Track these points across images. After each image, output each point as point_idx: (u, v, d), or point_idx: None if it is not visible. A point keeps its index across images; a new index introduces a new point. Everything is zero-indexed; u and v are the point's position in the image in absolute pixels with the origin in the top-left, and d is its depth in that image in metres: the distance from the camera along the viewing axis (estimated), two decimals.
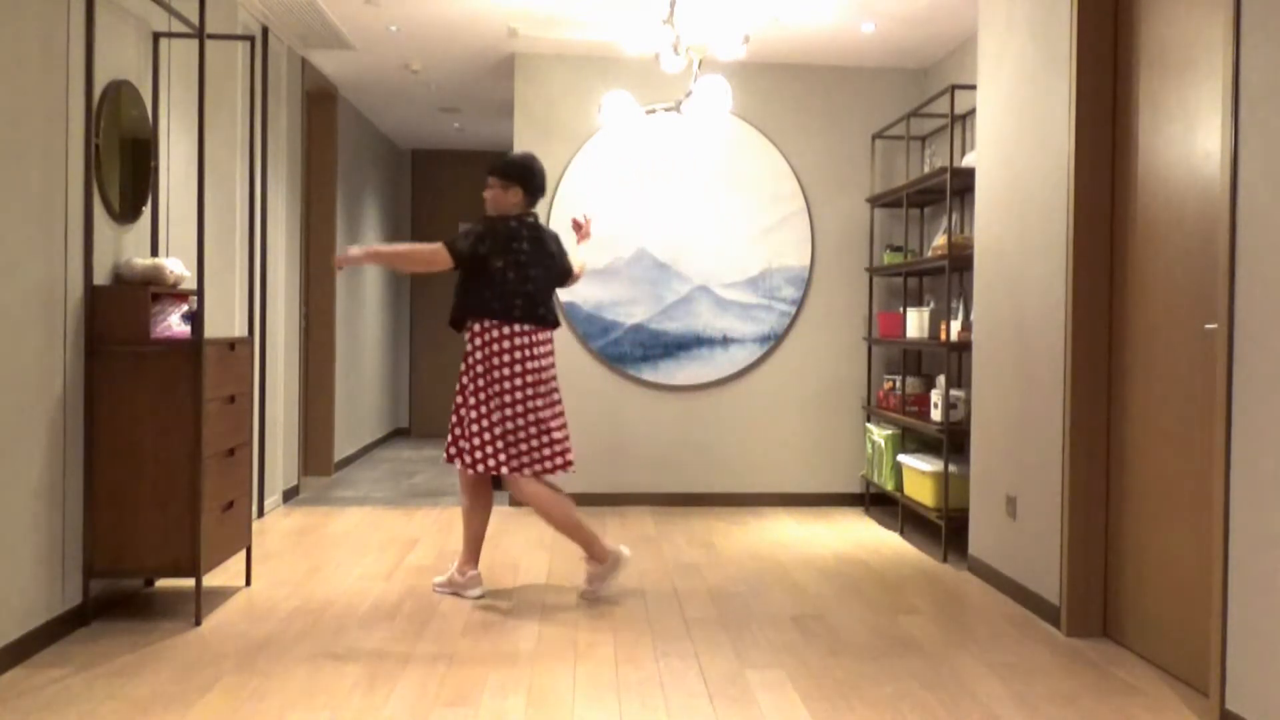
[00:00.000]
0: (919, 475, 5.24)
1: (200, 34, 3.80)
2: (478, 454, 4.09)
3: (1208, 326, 3.07)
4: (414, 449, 8.72)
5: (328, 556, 4.79)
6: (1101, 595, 3.73)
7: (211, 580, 4.16)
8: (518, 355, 4.07)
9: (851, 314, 6.36)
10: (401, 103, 7.61)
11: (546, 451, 4.15)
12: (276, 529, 5.36)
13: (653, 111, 5.64)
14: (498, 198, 4.20)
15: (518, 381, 4.06)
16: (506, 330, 4.07)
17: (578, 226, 4.65)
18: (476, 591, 4.12)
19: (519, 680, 3.19)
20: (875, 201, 6.16)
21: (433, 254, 4.11)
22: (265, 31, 5.52)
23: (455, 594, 4.13)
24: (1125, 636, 3.60)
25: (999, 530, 4.36)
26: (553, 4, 5.31)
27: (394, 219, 9.38)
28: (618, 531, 5.46)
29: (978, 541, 4.60)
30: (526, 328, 4.09)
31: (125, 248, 3.94)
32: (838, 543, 5.29)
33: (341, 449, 7.35)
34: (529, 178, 4.23)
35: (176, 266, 3.88)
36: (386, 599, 4.07)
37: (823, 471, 6.35)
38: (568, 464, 4.20)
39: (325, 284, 6.95)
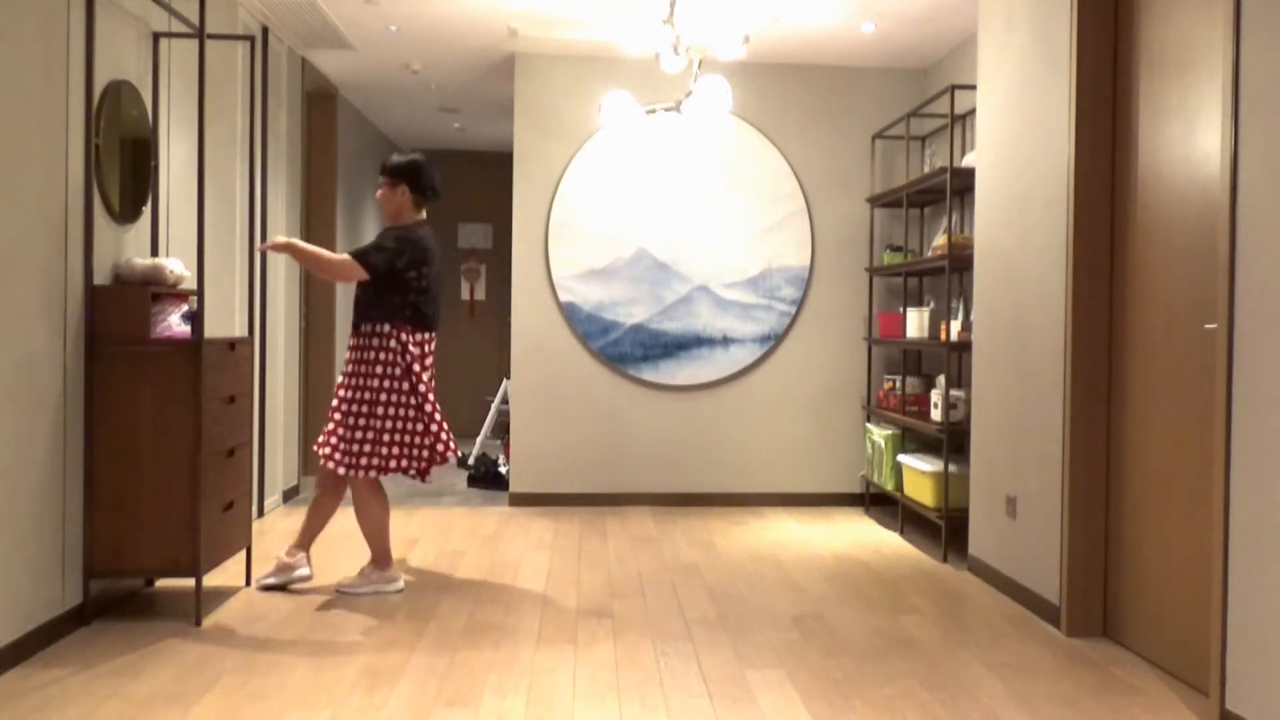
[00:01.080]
0: (919, 475, 5.24)
1: (200, 34, 3.80)
2: (363, 459, 4.09)
3: (1208, 326, 3.07)
4: None
5: (328, 556, 4.78)
6: (1101, 595, 3.74)
7: (211, 580, 4.16)
8: (424, 359, 4.18)
9: (851, 314, 6.36)
10: (401, 103, 7.61)
11: (426, 451, 4.18)
12: (276, 529, 5.36)
13: (653, 111, 5.64)
14: (386, 196, 4.28)
15: (420, 384, 4.14)
16: (418, 336, 4.15)
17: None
18: (306, 571, 4.21)
19: (519, 680, 3.19)
20: (875, 201, 6.16)
21: (342, 266, 4.15)
22: (265, 31, 5.52)
23: (284, 583, 4.18)
24: (1125, 636, 3.60)
25: (999, 530, 4.36)
26: (553, 4, 5.31)
27: None
28: (618, 531, 5.46)
29: (978, 541, 4.60)
30: (431, 335, 4.23)
31: (125, 248, 3.94)
32: (838, 543, 5.29)
33: None
34: (416, 176, 4.27)
35: (176, 266, 3.88)
36: (386, 599, 4.07)
37: (823, 471, 6.35)
38: (452, 451, 4.23)
39: (325, 284, 6.95)
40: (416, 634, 3.63)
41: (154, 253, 4.10)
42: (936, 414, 5.14)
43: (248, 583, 4.23)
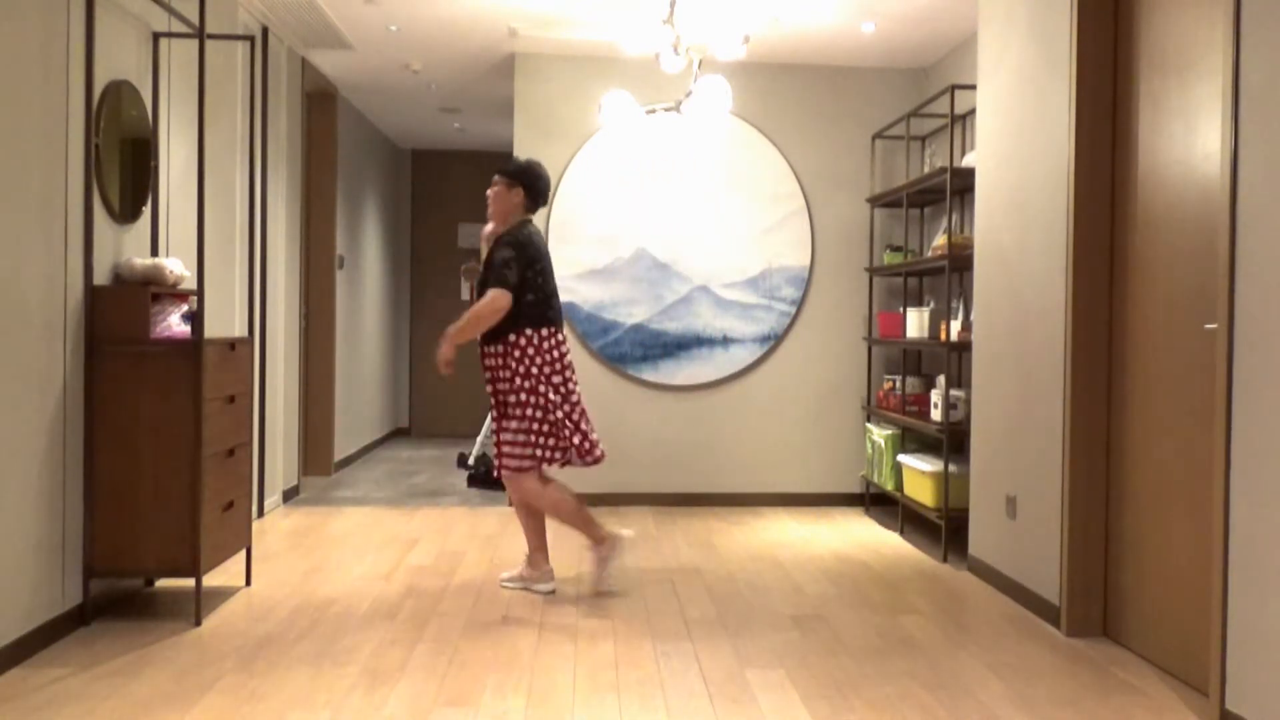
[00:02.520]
0: (919, 475, 5.24)
1: (200, 34, 3.80)
2: (542, 451, 4.16)
3: (1208, 326, 3.07)
4: (414, 449, 8.73)
5: (328, 556, 4.79)
6: (1101, 595, 3.74)
7: (211, 580, 4.16)
8: (561, 358, 4.20)
9: (851, 314, 6.36)
10: (401, 103, 7.61)
11: (585, 443, 4.23)
12: (276, 529, 5.36)
13: (653, 111, 5.64)
14: (501, 195, 4.26)
15: (558, 379, 4.17)
16: (544, 332, 4.16)
17: None
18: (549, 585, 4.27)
19: (519, 680, 3.19)
20: (875, 201, 6.16)
21: (494, 308, 4.10)
22: (265, 31, 5.52)
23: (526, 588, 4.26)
24: (1125, 636, 3.60)
25: (999, 530, 4.36)
26: (553, 4, 5.31)
27: (394, 219, 9.38)
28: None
29: (978, 541, 4.60)
30: (554, 330, 4.21)
31: (125, 248, 3.94)
32: (838, 543, 5.29)
33: (341, 449, 7.35)
34: (533, 181, 4.28)
35: (176, 266, 3.88)
36: (386, 599, 4.07)
37: (823, 471, 6.35)
38: (599, 452, 4.28)
39: (325, 284, 6.95)
40: (416, 634, 3.63)
41: (154, 253, 4.10)
42: (936, 414, 5.14)
43: (248, 583, 4.23)
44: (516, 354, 4.12)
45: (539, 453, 4.14)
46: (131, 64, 3.97)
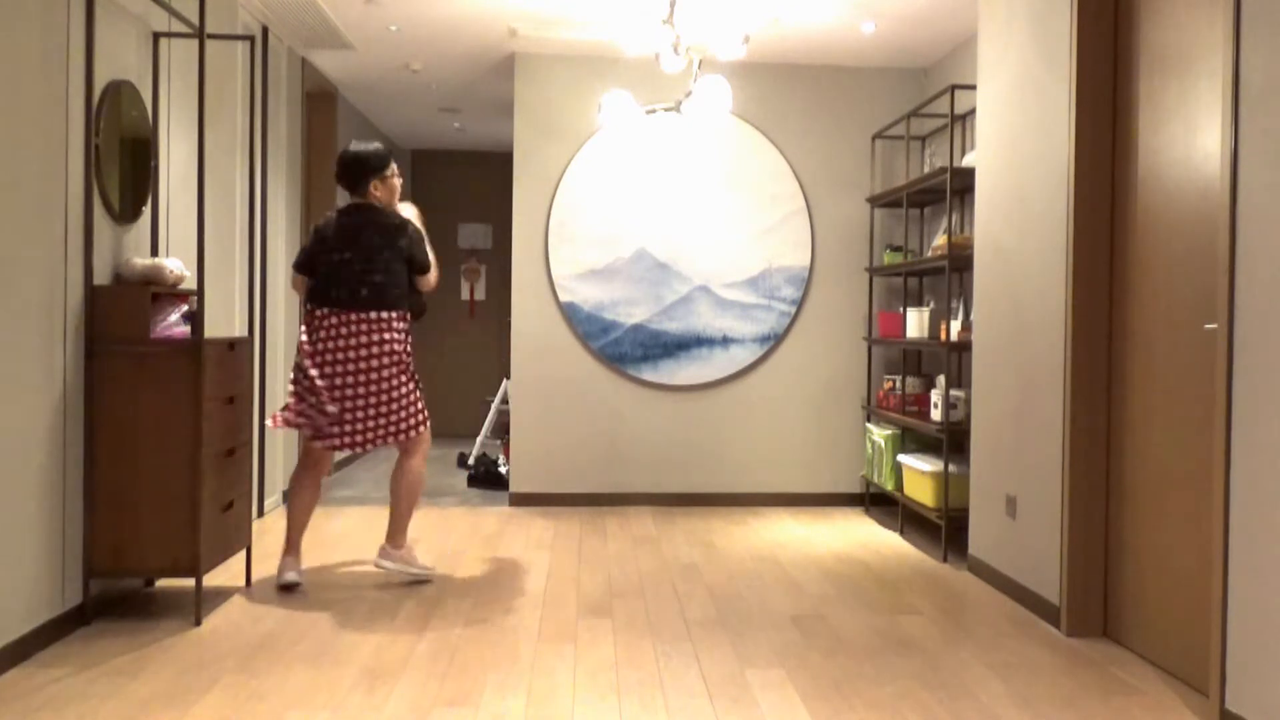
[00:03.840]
0: (919, 475, 5.24)
1: (200, 34, 3.80)
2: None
3: (1208, 326, 3.07)
4: None
5: (327, 556, 4.78)
6: (1101, 595, 3.74)
7: (211, 580, 4.16)
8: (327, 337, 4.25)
9: (851, 314, 6.36)
10: (401, 103, 7.61)
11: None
12: (276, 529, 5.35)
13: (653, 111, 5.64)
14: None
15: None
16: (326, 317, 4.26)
17: None
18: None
19: (519, 680, 3.19)
20: (875, 201, 6.16)
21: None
22: (265, 31, 5.52)
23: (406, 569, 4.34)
24: (1125, 636, 3.60)
25: (999, 530, 4.36)
26: (553, 4, 5.30)
27: None
28: (618, 531, 5.46)
29: (978, 541, 4.60)
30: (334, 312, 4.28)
31: (125, 248, 3.94)
32: (838, 543, 5.29)
33: None
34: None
35: (176, 266, 3.88)
36: (386, 599, 4.07)
37: (823, 471, 6.35)
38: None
39: None
40: (416, 634, 3.63)
41: (154, 253, 4.10)
42: (936, 414, 5.14)
43: (248, 583, 4.23)
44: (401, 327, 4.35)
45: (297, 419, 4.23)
46: (131, 64, 3.97)
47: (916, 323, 5.43)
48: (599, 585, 4.35)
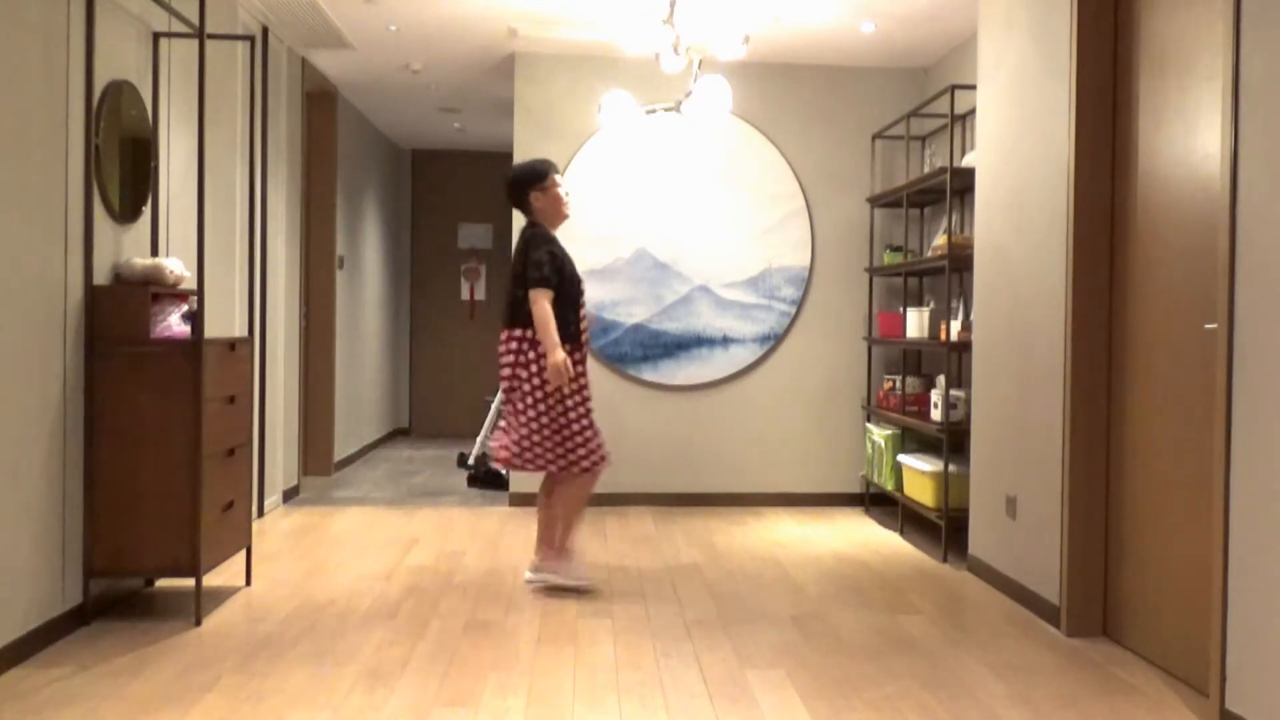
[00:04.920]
0: (919, 475, 5.24)
1: (200, 34, 3.80)
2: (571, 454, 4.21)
3: (1208, 326, 3.07)
4: (414, 449, 8.72)
5: (328, 556, 4.79)
6: (1101, 595, 3.73)
7: (211, 580, 4.16)
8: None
9: (851, 314, 6.36)
10: (401, 103, 7.61)
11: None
12: (276, 529, 5.36)
13: (653, 111, 5.64)
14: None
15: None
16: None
17: None
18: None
19: (519, 680, 3.19)
20: (875, 201, 6.16)
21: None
22: (265, 31, 5.52)
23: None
24: (1125, 636, 3.60)
25: (999, 530, 4.36)
26: (553, 4, 5.30)
27: (394, 219, 9.38)
28: (618, 531, 5.46)
29: (978, 541, 4.60)
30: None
31: (125, 248, 3.94)
32: (838, 543, 5.29)
33: (341, 449, 7.35)
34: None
35: (176, 266, 3.88)
36: (386, 599, 4.07)
37: (823, 471, 6.35)
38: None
39: (325, 284, 6.95)
40: (416, 634, 3.63)
41: (154, 253, 4.10)
42: (936, 414, 5.14)
43: (248, 583, 4.23)
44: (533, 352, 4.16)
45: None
46: (131, 64, 3.97)
47: (916, 323, 5.43)
48: (599, 585, 4.35)
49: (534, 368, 4.11)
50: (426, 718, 2.88)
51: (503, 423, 4.25)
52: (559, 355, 4.02)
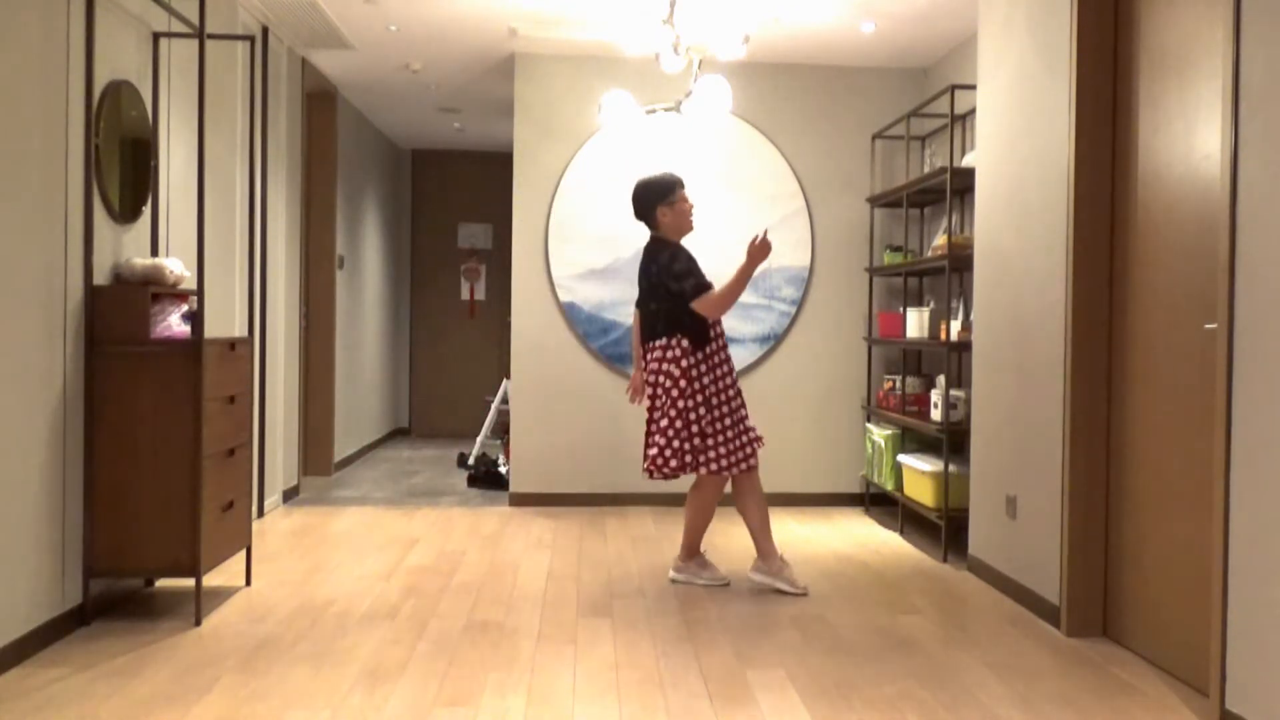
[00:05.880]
0: (919, 475, 5.24)
1: (200, 34, 3.80)
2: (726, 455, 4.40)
3: (1208, 326, 3.07)
4: (414, 449, 8.72)
5: (328, 556, 4.79)
6: (1101, 595, 3.73)
7: (211, 580, 4.16)
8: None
9: (851, 314, 6.36)
10: (401, 103, 7.61)
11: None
12: (276, 529, 5.36)
13: (653, 111, 5.64)
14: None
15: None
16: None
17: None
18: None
19: (519, 680, 3.19)
20: (875, 201, 6.16)
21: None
22: (265, 31, 5.52)
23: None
24: (1125, 636, 3.60)
25: (999, 530, 4.36)
26: (553, 4, 5.30)
27: (394, 219, 9.38)
28: (618, 531, 5.46)
29: (978, 541, 4.60)
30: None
31: (125, 248, 3.94)
32: (838, 543, 5.29)
33: (341, 449, 7.35)
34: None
35: (176, 266, 3.88)
36: (386, 599, 4.07)
37: (823, 471, 6.35)
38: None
39: (325, 284, 6.95)
40: (416, 634, 3.63)
41: (154, 253, 4.10)
42: (936, 414, 5.14)
43: (248, 583, 4.23)
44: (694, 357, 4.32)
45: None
46: (131, 64, 3.97)
47: (916, 323, 5.43)
48: (599, 585, 4.35)
49: (676, 372, 4.24)
50: (426, 718, 2.88)
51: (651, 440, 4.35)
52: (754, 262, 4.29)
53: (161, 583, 4.18)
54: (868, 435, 6.08)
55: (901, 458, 5.48)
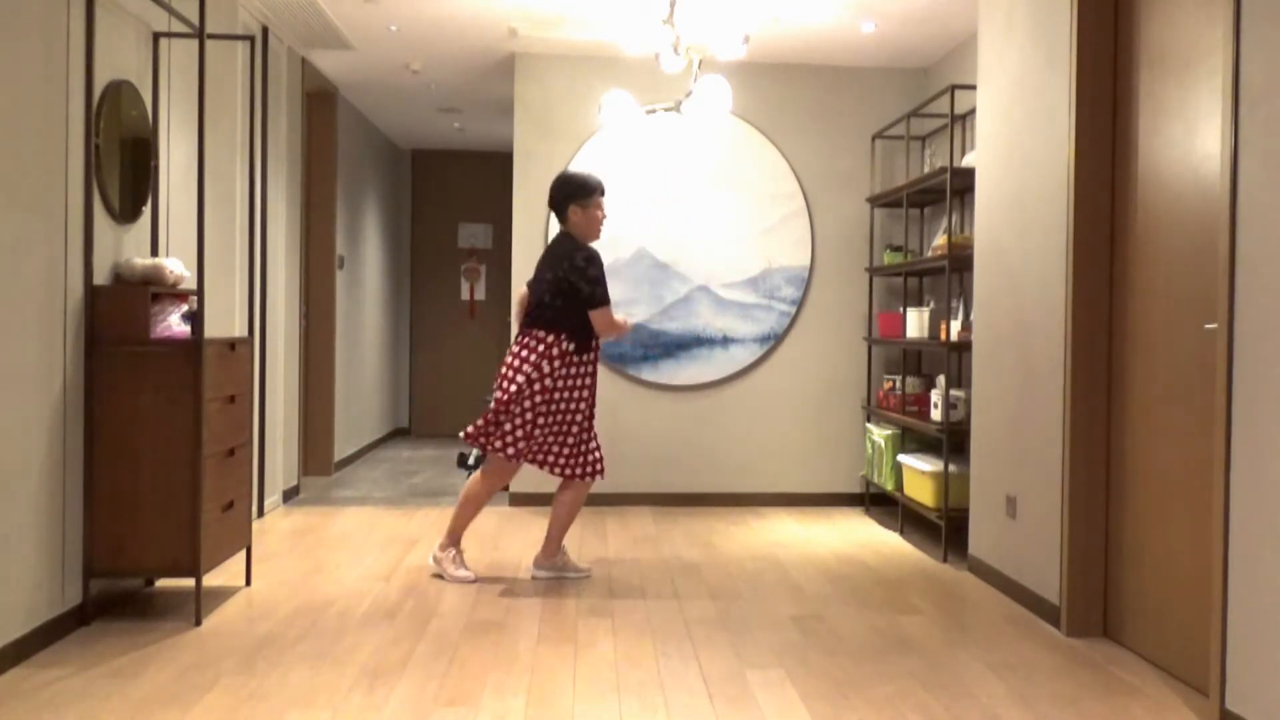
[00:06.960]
0: (919, 475, 5.24)
1: (200, 34, 3.80)
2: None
3: (1208, 326, 3.07)
4: (414, 449, 8.73)
5: (328, 556, 4.79)
6: (1101, 595, 3.74)
7: (211, 580, 4.16)
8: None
9: (851, 314, 6.36)
10: (401, 103, 7.61)
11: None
12: (276, 529, 5.36)
13: (653, 111, 5.64)
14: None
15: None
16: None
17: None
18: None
19: (519, 680, 3.19)
20: (875, 201, 6.16)
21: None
22: (265, 31, 5.52)
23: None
24: (1125, 636, 3.60)
25: (999, 530, 4.36)
26: (553, 4, 5.30)
27: (394, 219, 9.38)
28: (618, 531, 5.46)
29: (978, 541, 4.60)
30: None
31: (125, 248, 3.94)
32: (838, 543, 5.29)
33: (341, 449, 7.35)
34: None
35: (176, 266, 3.88)
36: (386, 599, 4.07)
37: (823, 471, 6.35)
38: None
39: (325, 284, 6.95)
40: (416, 634, 3.63)
41: (154, 253, 4.10)
42: (936, 414, 5.14)
43: (248, 583, 4.23)
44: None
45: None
46: (131, 64, 3.97)
47: (916, 323, 5.43)
48: (599, 585, 4.35)
49: (546, 368, 4.23)
50: (426, 718, 2.88)
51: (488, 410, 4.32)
52: (629, 323, 4.55)
53: (161, 583, 4.18)
54: (868, 435, 6.08)
55: (901, 458, 5.48)
